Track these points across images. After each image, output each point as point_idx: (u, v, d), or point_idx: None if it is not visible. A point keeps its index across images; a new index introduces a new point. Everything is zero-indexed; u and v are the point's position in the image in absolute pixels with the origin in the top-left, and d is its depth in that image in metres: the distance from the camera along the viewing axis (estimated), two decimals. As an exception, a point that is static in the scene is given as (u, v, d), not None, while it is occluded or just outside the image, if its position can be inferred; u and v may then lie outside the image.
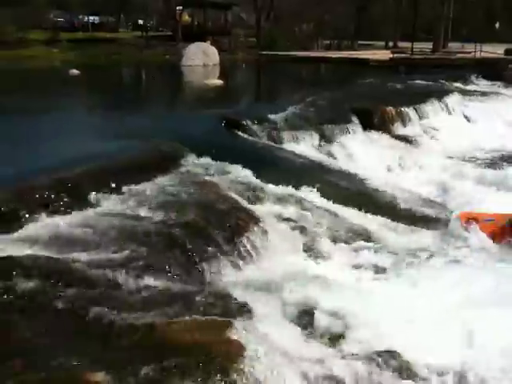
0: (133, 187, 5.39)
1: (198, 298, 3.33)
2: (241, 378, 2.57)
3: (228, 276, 4.15)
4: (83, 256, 3.74)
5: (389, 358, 3.25)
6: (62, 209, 4.73)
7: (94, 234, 4.15)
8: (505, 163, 9.49)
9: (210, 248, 4.29)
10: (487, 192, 7.73)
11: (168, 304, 3.20)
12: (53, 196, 4.84)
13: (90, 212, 4.75)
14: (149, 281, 3.55)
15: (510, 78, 20.02)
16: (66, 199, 4.85)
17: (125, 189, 5.31)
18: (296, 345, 3.23)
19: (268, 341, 2.95)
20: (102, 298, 3.20)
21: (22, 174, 5.34)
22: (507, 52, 27.19)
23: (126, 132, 7.60)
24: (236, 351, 2.70)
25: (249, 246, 4.53)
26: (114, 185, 5.32)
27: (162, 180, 5.74)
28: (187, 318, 3.00)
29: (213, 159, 6.58)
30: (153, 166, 6.06)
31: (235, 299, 3.41)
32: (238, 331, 2.84)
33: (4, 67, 22.32)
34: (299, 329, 3.51)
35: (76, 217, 4.56)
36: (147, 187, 5.44)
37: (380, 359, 3.22)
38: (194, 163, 6.45)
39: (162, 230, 4.33)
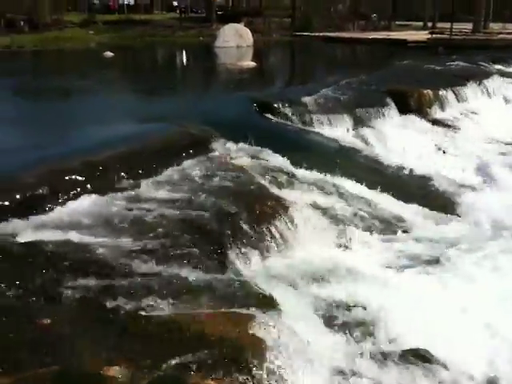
0: (161, 172, 5.32)
1: (222, 289, 3.22)
2: (264, 374, 2.47)
3: (254, 266, 4.02)
4: (107, 242, 3.67)
5: (420, 357, 3.10)
6: (91, 193, 4.67)
7: (121, 220, 4.08)
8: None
9: (237, 236, 4.16)
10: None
11: (191, 294, 3.11)
12: (82, 180, 4.80)
13: (118, 196, 4.69)
14: (172, 270, 3.46)
15: (555, 59, 19.19)
16: (94, 183, 4.80)
17: (153, 173, 5.24)
18: (323, 341, 3.10)
19: (293, 336, 2.83)
20: (124, 288, 3.11)
21: (51, 156, 5.31)
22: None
23: (157, 115, 7.54)
24: (259, 346, 2.59)
25: (277, 235, 4.39)
26: (142, 169, 5.26)
27: (191, 164, 5.64)
28: (210, 310, 2.90)
29: (243, 143, 6.44)
30: (182, 150, 5.95)
31: (261, 291, 3.29)
32: (263, 325, 2.73)
33: (40, 49, 22.57)
34: (327, 324, 3.37)
35: (103, 201, 4.49)
36: (175, 172, 5.37)
37: (411, 357, 3.08)
38: (223, 147, 6.32)
39: (188, 216, 4.23)
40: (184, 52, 23.71)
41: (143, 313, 2.88)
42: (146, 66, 18.54)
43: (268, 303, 3.11)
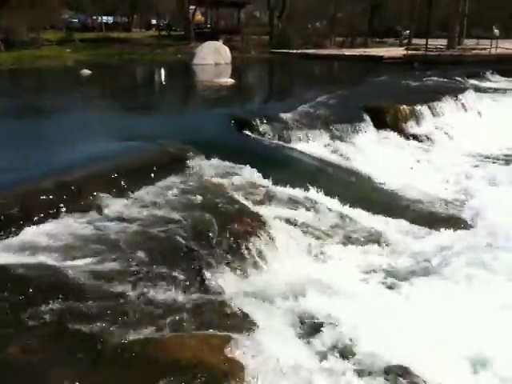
0: (138, 190, 5.26)
1: (198, 310, 3.16)
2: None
3: (232, 285, 3.96)
4: (79, 265, 3.59)
5: (399, 374, 3.07)
6: (65, 213, 4.58)
7: (93, 242, 4.00)
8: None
9: (214, 255, 4.11)
10: (503, 190, 7.51)
11: (167, 317, 3.04)
12: (56, 200, 4.71)
13: (93, 217, 4.61)
14: (148, 291, 3.39)
15: (527, 74, 19.63)
16: (69, 203, 4.71)
17: (130, 192, 5.18)
18: (301, 360, 3.05)
19: (271, 357, 2.78)
20: (96, 312, 3.03)
21: (25, 176, 5.21)
22: (524, 47, 26.70)
23: (135, 133, 7.48)
24: (237, 370, 2.53)
25: (255, 252, 4.35)
26: (119, 188, 5.19)
27: (169, 182, 5.60)
28: (185, 333, 2.84)
29: (221, 160, 6.41)
30: (159, 168, 5.90)
31: (238, 310, 3.24)
32: (240, 347, 2.68)
33: (16, 67, 22.38)
34: (305, 341, 3.32)
35: (75, 223, 4.41)
36: (153, 190, 5.31)
37: (390, 375, 3.05)
38: (201, 165, 6.28)
39: (163, 236, 4.17)
40: (162, 70, 23.74)
41: (117, 338, 2.80)
42: (124, 83, 18.48)
43: (245, 323, 3.07)
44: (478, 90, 14.23)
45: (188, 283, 3.72)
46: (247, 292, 3.88)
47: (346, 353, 3.29)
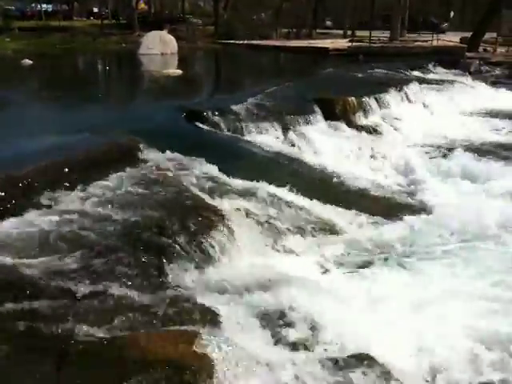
0: (90, 184, 5.13)
1: (161, 306, 3.13)
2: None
3: (193, 279, 3.94)
4: (35, 263, 3.48)
5: (360, 361, 3.15)
6: (13, 211, 4.41)
7: (47, 239, 3.88)
8: (464, 151, 9.56)
9: (172, 249, 4.07)
10: (448, 179, 7.78)
11: (129, 314, 2.99)
12: (4, 196, 4.53)
13: (42, 213, 4.46)
14: (108, 288, 3.33)
15: (467, 66, 20.33)
16: (16, 200, 4.54)
17: (81, 187, 5.04)
18: (266, 351, 3.08)
19: (237, 349, 2.79)
20: (57, 311, 2.95)
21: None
22: (462, 40, 27.64)
23: (82, 126, 7.24)
24: (205, 364, 2.53)
25: (214, 246, 4.34)
26: (69, 182, 5.05)
27: (121, 176, 5.48)
28: (151, 330, 2.81)
29: (174, 153, 6.34)
30: (110, 161, 5.78)
31: (202, 305, 3.23)
32: (205, 342, 2.67)
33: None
34: (269, 333, 3.35)
35: (28, 219, 4.26)
36: (105, 184, 5.19)
37: (351, 362, 3.12)
38: (153, 158, 6.19)
39: (121, 230, 4.09)
40: (107, 59, 23.17)
41: (80, 337, 2.73)
42: (68, 74, 17.92)
43: (210, 317, 3.06)
44: (421, 81, 14.59)
45: (149, 279, 3.67)
46: (209, 286, 3.87)
47: (309, 343, 3.34)
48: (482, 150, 8.92)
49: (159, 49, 22.48)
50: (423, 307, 4.02)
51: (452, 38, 28.32)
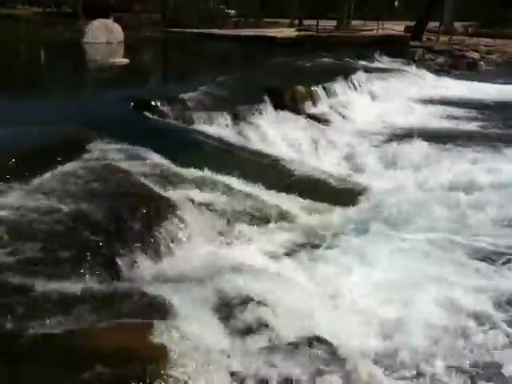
0: (36, 177, 5.00)
1: (114, 298, 3.10)
2: (165, 383, 2.42)
3: (146, 271, 3.93)
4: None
5: (310, 344, 3.23)
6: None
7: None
8: (410, 138, 9.84)
9: (123, 241, 4.03)
10: (394, 168, 7.99)
11: (80, 307, 2.95)
12: None
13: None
14: (58, 282, 3.26)
15: (411, 54, 20.86)
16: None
17: (26, 179, 4.91)
18: (220, 339, 3.11)
19: (192, 339, 2.81)
20: (5, 306, 2.88)
21: None
22: (407, 29, 28.29)
23: (26, 117, 7.06)
24: (159, 355, 2.54)
25: (166, 237, 4.33)
26: (12, 176, 4.90)
27: (69, 168, 5.35)
28: (103, 322, 2.78)
29: (122, 144, 6.24)
30: (57, 153, 5.64)
31: (155, 296, 3.22)
32: (160, 332, 2.67)
33: None
34: (222, 321, 3.38)
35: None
36: (52, 177, 5.05)
37: (302, 345, 3.20)
38: (101, 149, 6.06)
39: (68, 223, 4.01)
40: (51, 48, 22.46)
41: (31, 333, 2.67)
42: (9, 63, 17.28)
43: (164, 308, 3.06)
44: (367, 70, 14.88)
45: (101, 272, 3.63)
46: (163, 277, 3.86)
47: (264, 330, 3.39)
48: (427, 137, 9.21)
49: (105, 38, 21.98)
50: (371, 289, 4.16)
51: (396, 27, 28.94)
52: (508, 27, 35.22)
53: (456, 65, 21.30)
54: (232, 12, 42.17)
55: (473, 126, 11.14)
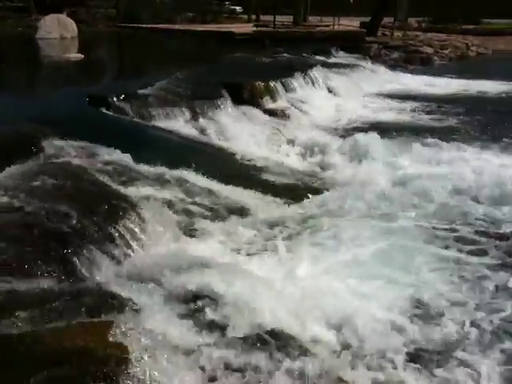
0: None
1: (72, 298, 3.03)
2: (130, 381, 2.38)
3: (105, 270, 3.85)
4: None
5: (274, 337, 3.24)
6: None
7: None
8: (367, 132, 9.98)
9: (82, 241, 3.94)
10: (351, 160, 8.08)
11: (39, 308, 2.87)
12: None
13: None
14: (14, 283, 3.17)
15: (367, 50, 21.14)
16: None
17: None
18: (183, 337, 3.09)
19: (155, 337, 2.77)
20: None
21: None
22: (362, 25, 28.68)
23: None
24: (122, 353, 2.49)
25: (126, 235, 4.26)
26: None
27: (25, 166, 5.22)
28: (64, 323, 2.72)
29: (78, 141, 6.12)
30: (11, 151, 5.49)
31: (116, 295, 3.16)
32: (122, 331, 2.63)
33: None
34: (185, 318, 3.35)
35: None
36: (6, 176, 4.92)
37: (267, 339, 3.21)
38: (57, 146, 5.94)
39: (25, 222, 3.91)
40: (1, 43, 21.78)
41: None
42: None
43: (125, 307, 3.01)
44: (325, 65, 15.00)
45: (58, 272, 3.54)
46: (123, 275, 3.80)
47: (225, 325, 3.39)
48: (384, 130, 9.36)
49: (58, 33, 21.48)
50: (332, 279, 4.21)
51: (352, 23, 29.29)
52: (459, 23, 36.23)
53: (410, 60, 21.71)
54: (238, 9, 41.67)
55: (428, 119, 11.39)
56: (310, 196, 6.39)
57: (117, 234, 4.21)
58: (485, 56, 26.29)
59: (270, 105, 10.62)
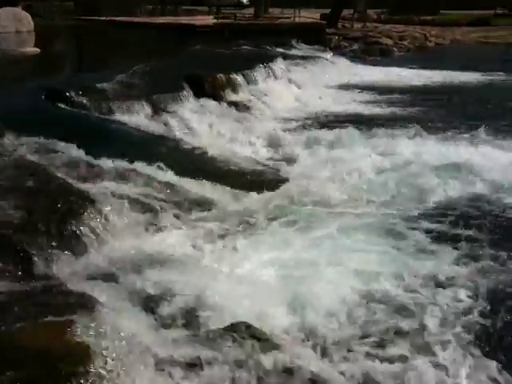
0: None
1: (31, 297, 2.97)
2: (94, 379, 2.35)
3: (65, 268, 3.77)
4: None
5: (237, 331, 3.24)
6: None
7: None
8: (329, 124, 10.07)
9: (41, 239, 3.86)
10: (315, 152, 8.13)
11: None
12: None
13: None
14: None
15: (327, 41, 21.29)
16: None
17: None
18: (145, 334, 3.05)
19: (114, 334, 2.73)
20: None
21: None
22: (322, 17, 28.85)
23: None
24: (84, 352, 2.45)
25: (86, 231, 4.19)
26: None
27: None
28: (21, 323, 2.65)
29: (35, 137, 5.97)
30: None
31: (75, 293, 3.11)
32: (81, 330, 2.58)
33: None
34: (147, 315, 3.33)
35: None
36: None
37: (229, 333, 3.20)
38: (13, 143, 5.80)
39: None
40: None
41: None
42: None
43: (86, 304, 2.95)
44: (286, 57, 15.04)
45: (16, 271, 3.46)
46: (82, 273, 3.74)
47: (188, 320, 3.37)
48: (344, 121, 9.43)
49: (13, 26, 20.91)
50: (291, 269, 4.24)
51: (313, 15, 29.43)
52: (418, 14, 36.82)
53: (370, 51, 21.96)
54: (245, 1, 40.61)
55: (387, 109, 11.55)
56: (272, 187, 6.40)
57: (75, 231, 4.13)
58: (442, 46, 26.80)
59: (232, 97, 10.58)
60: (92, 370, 2.40)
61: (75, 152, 5.77)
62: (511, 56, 22.70)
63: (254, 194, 6.27)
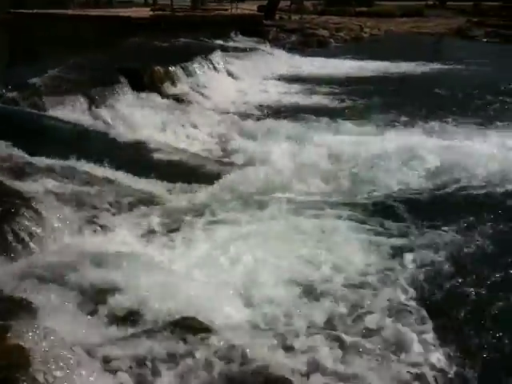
0: None
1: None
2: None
3: (1, 271, 3.63)
4: None
5: (186, 326, 3.22)
6: None
7: None
8: (268, 114, 10.13)
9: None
10: (257, 144, 8.16)
11: None
12: None
13: None
14: None
15: (265, 33, 21.34)
16: None
17: None
18: (87, 334, 2.98)
19: (56, 337, 2.64)
20: None
21: None
22: (260, 8, 28.86)
23: None
24: (18, 356, 2.36)
25: (21, 233, 4.02)
26: None
27: None
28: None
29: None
30: None
31: (12, 297, 2.99)
32: (19, 334, 2.48)
33: None
34: (90, 315, 3.25)
35: None
36: None
37: (178, 328, 3.18)
38: None
39: None
40: None
41: None
42: None
43: (24, 308, 2.85)
44: (225, 49, 14.97)
45: None
46: (20, 276, 3.58)
47: (133, 317, 3.32)
48: (283, 112, 9.49)
49: None
50: (240, 262, 4.25)
51: (251, 7, 29.39)
52: (353, 5, 37.49)
53: (308, 43, 22.18)
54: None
55: (324, 100, 11.71)
56: (215, 180, 6.37)
57: (10, 233, 3.97)
58: (377, 37, 27.36)
59: (171, 90, 10.44)
60: (31, 374, 2.32)
61: (8, 149, 5.57)
62: (443, 46, 23.52)
63: (196, 188, 6.23)
